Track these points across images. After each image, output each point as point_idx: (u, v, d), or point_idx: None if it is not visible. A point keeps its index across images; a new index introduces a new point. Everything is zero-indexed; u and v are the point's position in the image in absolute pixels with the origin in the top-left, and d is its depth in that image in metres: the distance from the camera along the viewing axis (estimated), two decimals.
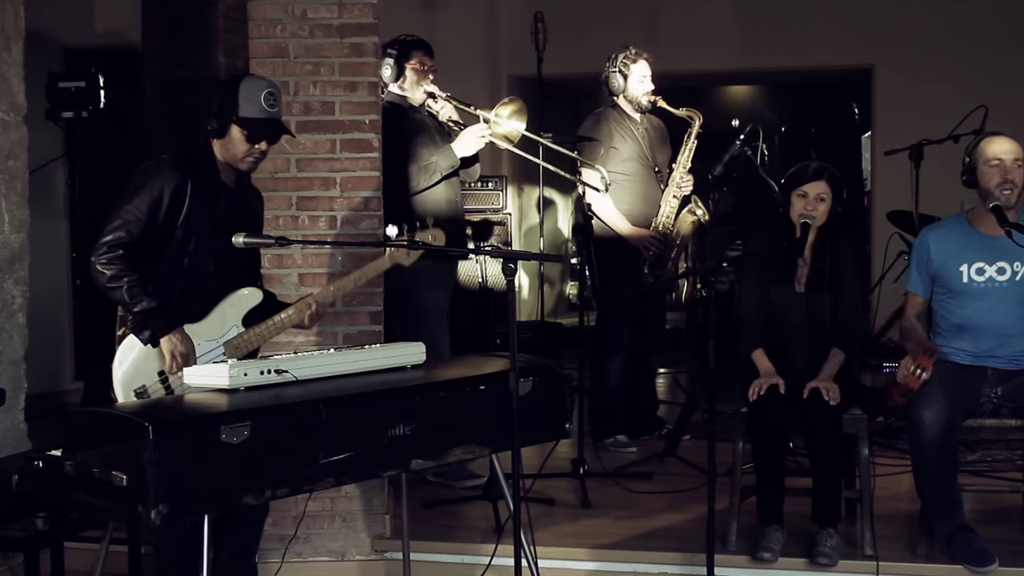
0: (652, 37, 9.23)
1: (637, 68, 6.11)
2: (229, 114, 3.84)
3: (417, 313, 5.33)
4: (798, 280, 4.76)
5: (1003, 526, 4.80)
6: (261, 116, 3.86)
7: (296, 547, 4.62)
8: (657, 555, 4.61)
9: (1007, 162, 4.42)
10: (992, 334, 4.49)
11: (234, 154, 3.91)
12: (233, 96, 3.85)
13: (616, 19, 9.57)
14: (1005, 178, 4.40)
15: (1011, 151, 4.44)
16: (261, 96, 3.85)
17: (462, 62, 9.10)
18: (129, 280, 3.73)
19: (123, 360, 3.78)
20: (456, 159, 5.39)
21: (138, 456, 2.95)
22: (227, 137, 3.88)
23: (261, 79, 3.98)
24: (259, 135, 3.88)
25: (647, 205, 6.13)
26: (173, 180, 3.82)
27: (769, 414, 4.49)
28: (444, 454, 3.67)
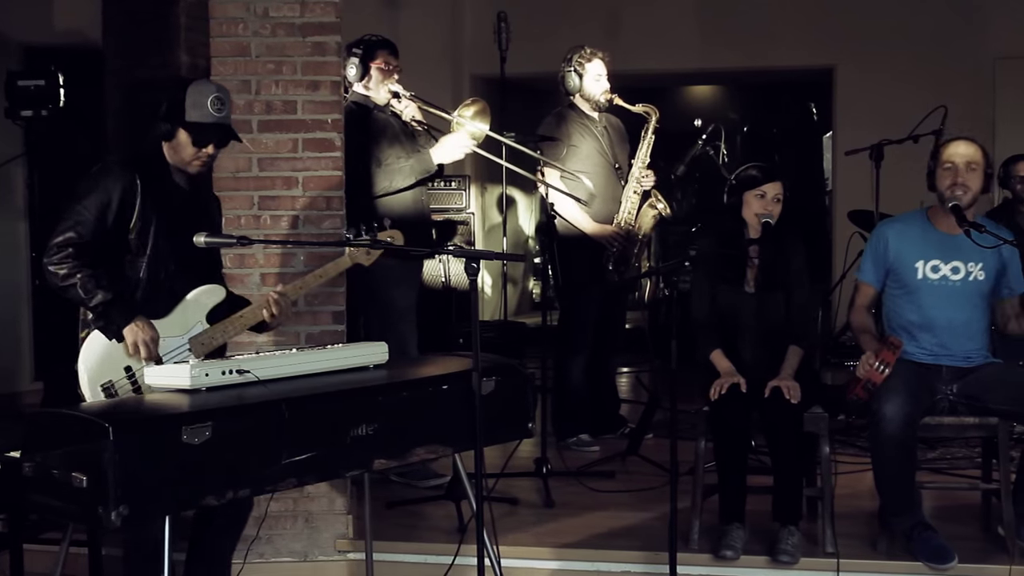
0: (614, 37, 9.26)
1: (592, 67, 6.13)
2: (176, 118, 3.86)
3: (386, 312, 5.32)
4: (748, 282, 4.79)
5: (962, 523, 4.84)
6: (207, 121, 3.87)
7: (258, 548, 4.60)
8: (620, 554, 4.62)
9: (959, 165, 4.47)
10: (944, 333, 4.53)
11: (182, 157, 3.92)
12: (180, 100, 3.86)
13: (578, 19, 9.58)
14: (956, 180, 4.45)
15: (965, 155, 4.49)
16: (208, 101, 3.86)
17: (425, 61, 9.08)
18: (82, 276, 3.73)
19: (88, 357, 3.75)
20: (433, 165, 5.40)
21: (98, 457, 2.93)
22: (175, 140, 3.90)
23: (210, 83, 3.98)
24: (205, 139, 3.90)
25: (609, 202, 6.14)
26: (121, 181, 3.82)
27: (730, 413, 4.51)
28: (407, 454, 3.66)
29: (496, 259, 4.05)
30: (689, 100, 13.39)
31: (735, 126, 12.95)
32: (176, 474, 3.08)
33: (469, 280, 3.59)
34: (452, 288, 8.39)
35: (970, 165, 4.47)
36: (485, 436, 3.61)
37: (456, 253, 5.68)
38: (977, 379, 4.49)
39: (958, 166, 4.47)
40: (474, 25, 9.79)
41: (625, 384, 8.48)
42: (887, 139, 6.99)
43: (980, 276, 4.53)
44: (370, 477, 4.30)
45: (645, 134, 6.23)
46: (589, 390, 6.28)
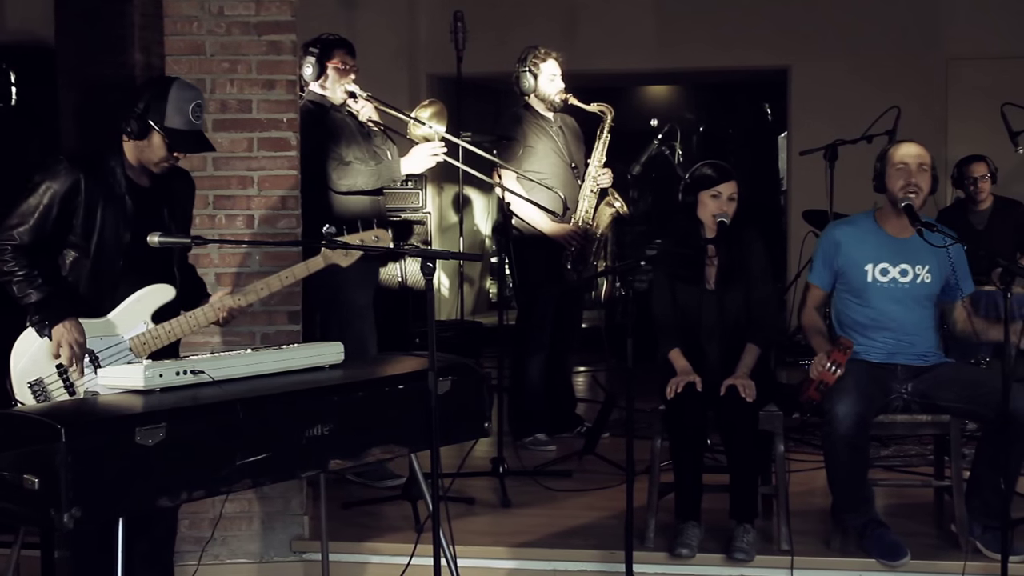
0: (571, 37, 9.28)
1: (547, 67, 6.13)
2: (153, 120, 3.81)
3: (344, 312, 5.30)
4: (707, 279, 4.82)
5: (915, 520, 4.89)
6: (186, 128, 3.84)
7: (213, 549, 4.58)
8: (576, 552, 4.63)
9: (912, 166, 4.52)
10: (895, 333, 4.57)
11: (149, 158, 3.88)
12: (161, 102, 3.81)
13: (535, 18, 9.59)
14: (909, 181, 4.50)
15: (917, 155, 4.54)
16: (190, 108, 3.83)
17: (381, 60, 9.07)
18: (17, 276, 3.73)
19: (21, 353, 3.74)
20: (401, 175, 5.40)
21: (50, 459, 2.91)
22: (146, 141, 3.85)
23: (190, 88, 3.91)
24: (181, 146, 3.87)
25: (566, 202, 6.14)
26: (66, 181, 3.79)
27: (686, 412, 4.53)
28: (363, 454, 3.66)
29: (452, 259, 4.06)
30: (645, 100, 13.43)
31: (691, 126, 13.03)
32: (129, 476, 3.06)
33: (425, 280, 3.59)
34: (408, 288, 8.38)
35: (922, 166, 4.52)
36: (441, 436, 3.61)
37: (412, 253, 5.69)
38: (931, 378, 4.53)
39: (911, 167, 4.52)
40: (430, 24, 9.79)
41: (582, 383, 8.49)
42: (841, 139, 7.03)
43: (928, 279, 4.57)
44: (326, 477, 4.29)
45: (601, 133, 6.24)
46: (546, 389, 6.29)
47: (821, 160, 7.09)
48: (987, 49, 9.26)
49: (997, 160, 7.04)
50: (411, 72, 10.03)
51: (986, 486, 4.41)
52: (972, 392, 4.42)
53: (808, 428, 6.30)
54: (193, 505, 4.22)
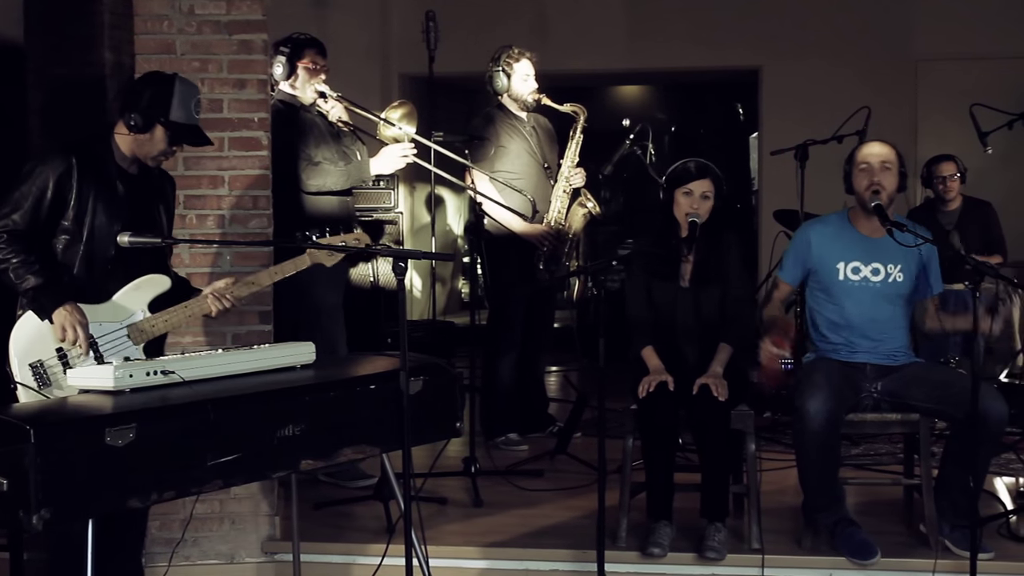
0: (543, 36, 9.27)
1: (520, 67, 6.13)
2: (158, 113, 3.86)
3: (314, 312, 5.29)
4: (683, 277, 4.83)
5: (885, 518, 4.92)
6: (189, 122, 3.90)
7: (184, 550, 4.56)
8: (548, 552, 4.63)
9: (874, 165, 4.55)
10: (866, 332, 4.60)
11: (148, 151, 3.93)
12: (167, 97, 3.86)
13: (507, 18, 9.58)
14: (872, 181, 4.53)
15: (879, 155, 4.57)
16: (193, 103, 3.91)
17: (353, 60, 9.05)
18: (14, 262, 3.75)
19: (19, 336, 3.75)
20: (371, 176, 5.39)
21: (19, 460, 2.89)
22: (148, 134, 3.89)
23: (191, 84, 3.97)
24: (182, 139, 3.94)
25: (539, 202, 6.15)
26: (59, 168, 3.83)
27: (658, 411, 4.53)
28: (334, 454, 3.64)
29: (424, 258, 4.06)
30: (617, 100, 13.44)
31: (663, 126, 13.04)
32: (99, 477, 3.03)
33: (397, 280, 3.58)
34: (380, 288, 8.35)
35: (884, 165, 4.55)
36: (413, 436, 3.60)
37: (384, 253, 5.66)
38: (900, 377, 4.56)
39: (873, 166, 4.55)
40: (402, 24, 9.76)
41: (554, 383, 8.50)
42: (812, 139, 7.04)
43: (899, 277, 4.60)
44: (297, 478, 4.28)
45: (574, 134, 6.24)
46: (518, 389, 6.29)
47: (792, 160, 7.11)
48: (956, 50, 9.31)
49: (966, 160, 7.09)
50: (383, 72, 10.01)
51: (955, 485, 4.44)
52: (941, 392, 4.45)
53: (779, 427, 6.33)
54: (163, 506, 4.20)
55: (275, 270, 4.04)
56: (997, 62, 9.16)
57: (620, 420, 4.77)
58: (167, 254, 4.18)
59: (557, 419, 6.61)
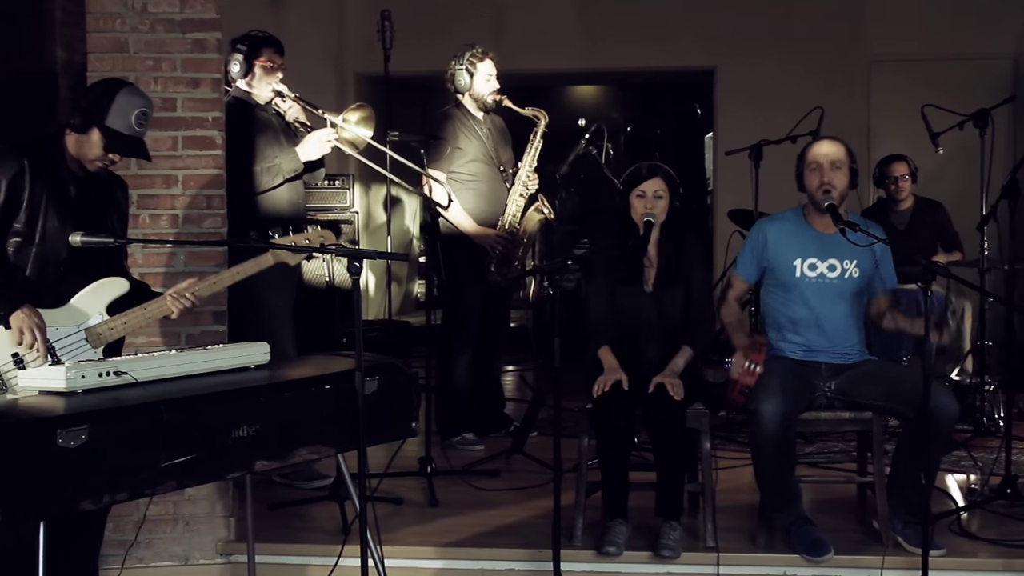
0: (498, 36, 9.27)
1: (483, 67, 6.13)
2: (96, 117, 3.82)
3: (261, 314, 5.26)
4: (646, 281, 4.84)
5: (839, 515, 4.95)
6: (125, 132, 3.85)
7: (137, 552, 4.53)
8: (504, 551, 4.64)
9: (824, 165, 4.59)
10: (822, 329, 4.63)
11: (85, 153, 3.89)
12: (107, 102, 3.83)
13: (463, 18, 9.58)
14: (822, 180, 4.57)
15: (829, 154, 4.61)
16: (133, 115, 3.85)
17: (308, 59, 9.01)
18: None
19: None
20: (300, 163, 5.35)
21: None
22: (86, 136, 3.86)
23: (140, 96, 3.92)
24: (117, 148, 3.88)
25: (493, 204, 6.15)
26: (11, 170, 3.78)
27: (613, 411, 4.55)
28: (289, 455, 3.63)
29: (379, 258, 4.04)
30: (573, 100, 13.46)
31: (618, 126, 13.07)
32: (51, 479, 3.00)
33: (352, 280, 3.57)
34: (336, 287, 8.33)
35: (834, 164, 4.59)
36: (368, 436, 3.59)
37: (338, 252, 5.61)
38: (854, 375, 4.60)
39: (823, 166, 4.59)
40: (357, 23, 9.73)
41: (510, 382, 8.51)
42: (766, 140, 7.10)
43: (855, 273, 4.64)
44: (252, 479, 4.26)
45: (534, 138, 6.23)
46: (474, 389, 6.29)
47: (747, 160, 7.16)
48: (908, 51, 9.40)
49: (918, 161, 7.15)
50: (338, 71, 9.98)
51: (906, 482, 4.48)
52: (893, 389, 4.49)
53: (734, 426, 6.37)
54: (116, 508, 4.17)
55: (237, 270, 4.00)
56: (948, 63, 9.25)
57: (576, 419, 4.78)
58: (123, 256, 4.15)
59: (513, 419, 6.62)
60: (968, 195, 6.33)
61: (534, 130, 6.24)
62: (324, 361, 4.03)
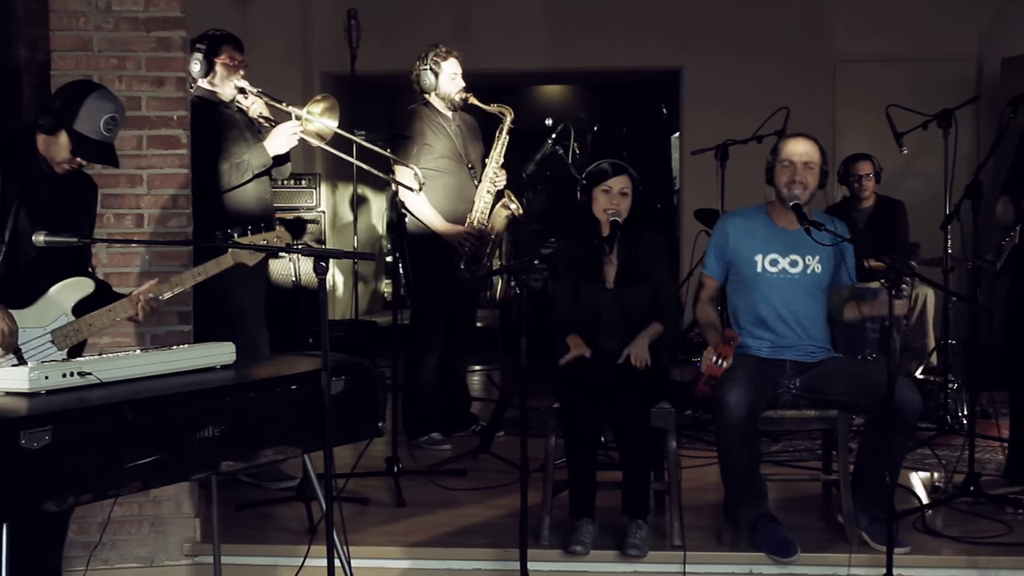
0: (465, 36, 9.27)
1: (448, 66, 6.12)
2: (64, 120, 3.79)
3: (234, 313, 5.23)
4: (607, 278, 4.86)
5: (804, 514, 4.98)
6: (93, 136, 3.82)
7: (102, 554, 4.50)
8: (471, 551, 4.63)
9: (797, 163, 4.61)
10: (785, 325, 4.65)
11: (53, 155, 3.86)
12: (76, 105, 3.79)
13: (429, 17, 9.56)
14: (793, 178, 4.59)
15: (802, 153, 4.62)
16: (102, 120, 3.81)
17: (274, 58, 9.00)
18: None
19: None
20: (268, 158, 5.33)
21: None
22: (54, 138, 3.83)
23: (111, 100, 3.88)
24: (84, 153, 3.85)
25: (461, 201, 6.15)
26: None
27: (581, 410, 4.55)
28: (255, 455, 3.61)
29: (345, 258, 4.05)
30: (540, 100, 13.47)
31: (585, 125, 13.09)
32: (14, 480, 2.98)
33: (318, 279, 3.57)
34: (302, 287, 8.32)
35: (807, 164, 4.61)
36: (335, 436, 3.59)
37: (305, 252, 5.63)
38: (818, 372, 4.62)
39: (796, 164, 4.61)
40: (324, 22, 9.71)
41: (476, 382, 8.51)
42: (732, 139, 7.13)
43: (818, 269, 4.66)
44: (218, 479, 4.24)
45: (500, 134, 6.23)
46: (440, 388, 6.28)
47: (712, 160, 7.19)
48: (873, 51, 9.46)
49: (883, 160, 7.20)
50: (304, 71, 9.95)
51: (871, 479, 4.51)
52: (858, 384, 4.51)
53: (700, 425, 6.39)
54: (81, 509, 4.14)
55: (198, 270, 3.97)
56: (913, 63, 9.31)
57: (542, 419, 4.78)
58: (88, 257, 4.12)
59: (480, 418, 6.62)
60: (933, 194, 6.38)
61: (500, 126, 6.24)
62: (290, 361, 4.02)
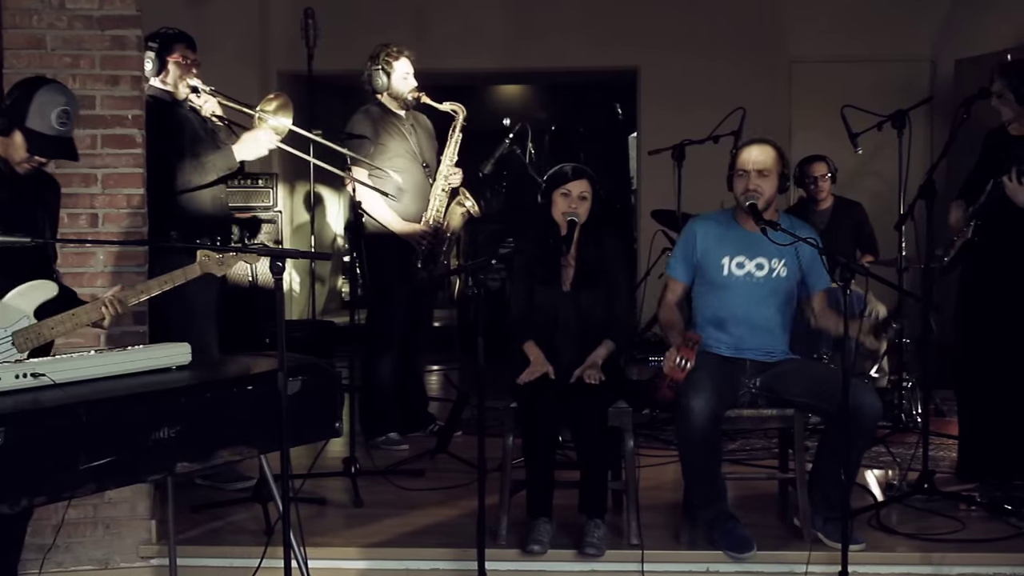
0: (422, 35, 9.26)
1: (400, 65, 6.11)
2: (16, 119, 3.77)
3: (185, 313, 5.19)
4: (564, 281, 4.87)
5: (761, 512, 5.00)
6: (48, 132, 3.80)
7: (56, 556, 4.47)
8: (429, 551, 4.63)
9: (751, 173, 4.64)
10: (748, 327, 4.68)
11: (12, 155, 3.85)
12: (26, 102, 3.78)
13: (386, 17, 9.54)
14: (747, 187, 4.62)
15: (756, 162, 4.65)
16: (53, 113, 3.80)
17: (230, 57, 8.94)
18: None
19: None
20: (235, 162, 5.31)
21: None
22: (9, 139, 3.81)
23: (61, 93, 3.86)
24: (41, 150, 3.84)
25: (417, 200, 6.14)
26: None
27: (539, 409, 4.56)
28: (211, 456, 3.60)
29: (301, 257, 4.03)
30: (497, 99, 13.48)
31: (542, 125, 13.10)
32: None
33: (274, 279, 3.55)
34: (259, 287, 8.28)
35: (761, 173, 4.64)
36: (292, 436, 3.57)
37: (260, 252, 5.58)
38: (777, 373, 4.65)
39: (750, 173, 4.64)
40: (280, 21, 9.65)
41: (434, 382, 8.50)
42: (688, 139, 7.15)
43: (783, 272, 4.69)
44: (175, 480, 4.21)
45: (453, 132, 6.23)
46: (398, 388, 6.27)
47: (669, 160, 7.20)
48: (828, 51, 9.52)
49: (838, 161, 7.25)
50: (261, 69, 9.90)
51: (827, 478, 4.54)
52: (816, 387, 4.54)
53: (657, 424, 6.41)
54: (35, 511, 4.10)
55: (165, 279, 3.92)
56: (867, 64, 9.37)
57: (500, 418, 4.79)
58: (51, 259, 4.08)
59: (437, 418, 6.61)
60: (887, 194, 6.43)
61: (453, 125, 6.24)
62: (247, 361, 4.01)
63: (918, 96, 6.19)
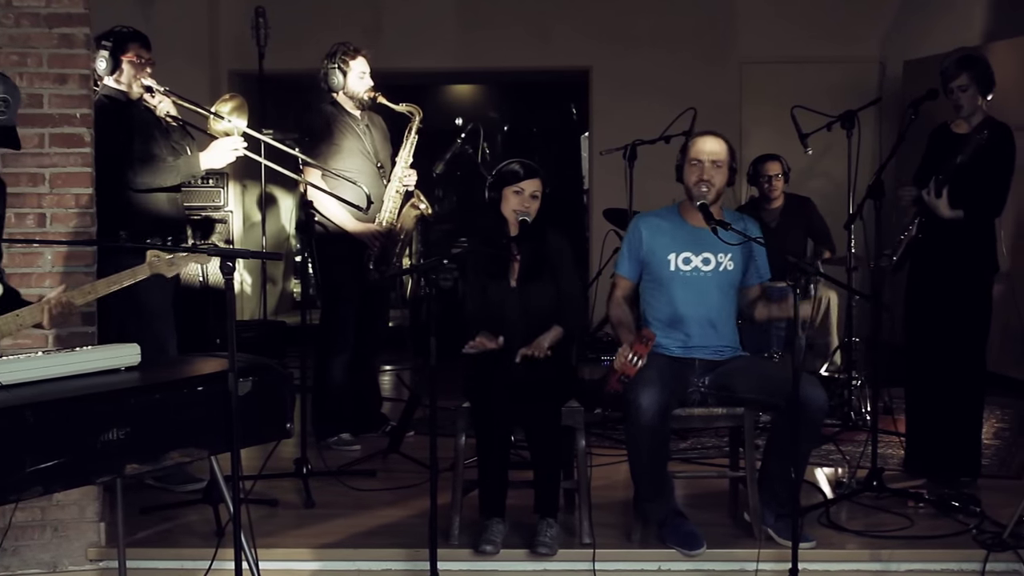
0: (374, 35, 9.23)
1: (356, 64, 6.10)
2: None
3: (143, 314, 5.16)
4: (511, 276, 4.88)
5: (712, 510, 5.03)
6: None
7: (3, 560, 4.43)
8: (381, 552, 4.62)
9: (705, 162, 4.66)
10: (697, 324, 4.70)
11: None
12: None
13: (338, 15, 9.51)
14: (701, 177, 4.64)
15: (710, 152, 4.68)
16: None
17: (181, 56, 8.87)
18: None
19: None
20: (201, 171, 5.28)
21: None
22: None
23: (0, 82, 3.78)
24: None
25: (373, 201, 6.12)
26: None
27: (493, 409, 4.56)
28: (160, 457, 3.56)
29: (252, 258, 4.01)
30: (450, 99, 13.46)
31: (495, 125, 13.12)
32: None
33: (225, 279, 3.53)
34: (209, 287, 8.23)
35: (715, 163, 4.66)
36: (243, 437, 3.56)
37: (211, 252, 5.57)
38: (726, 370, 4.67)
39: (704, 163, 4.66)
40: (231, 20, 9.59)
41: (387, 382, 8.48)
42: (640, 139, 7.17)
43: (730, 267, 4.72)
44: (124, 482, 4.18)
45: (409, 133, 6.22)
46: (352, 389, 6.25)
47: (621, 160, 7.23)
48: (778, 52, 9.58)
49: (790, 160, 7.31)
50: (212, 68, 9.84)
51: (776, 476, 4.57)
52: (764, 383, 4.57)
53: (609, 423, 6.43)
54: None
55: (113, 279, 3.87)
56: (817, 65, 9.45)
57: (452, 418, 4.78)
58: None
59: (390, 418, 6.60)
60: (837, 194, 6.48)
61: (409, 126, 6.23)
62: (197, 362, 3.98)
63: (867, 97, 6.25)
